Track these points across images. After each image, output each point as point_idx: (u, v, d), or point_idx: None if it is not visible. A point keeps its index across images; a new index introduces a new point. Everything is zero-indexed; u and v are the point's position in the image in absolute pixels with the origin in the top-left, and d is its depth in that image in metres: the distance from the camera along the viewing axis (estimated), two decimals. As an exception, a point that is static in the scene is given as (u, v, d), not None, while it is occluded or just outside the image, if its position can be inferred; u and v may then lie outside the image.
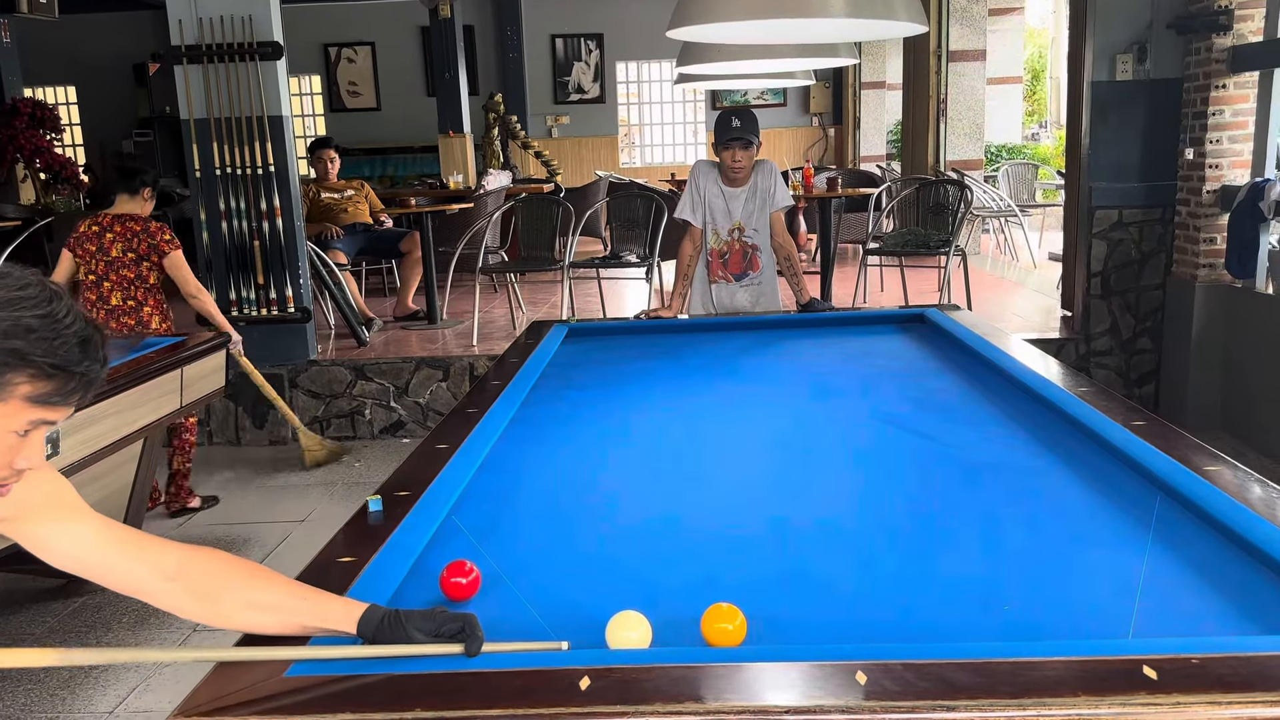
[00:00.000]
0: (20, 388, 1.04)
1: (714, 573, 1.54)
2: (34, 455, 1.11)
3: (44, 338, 1.04)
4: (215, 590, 1.27)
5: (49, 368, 1.05)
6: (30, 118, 9.03)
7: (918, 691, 1.09)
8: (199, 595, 1.27)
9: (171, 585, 1.25)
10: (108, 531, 1.26)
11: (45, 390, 1.06)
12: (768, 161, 3.83)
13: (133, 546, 1.26)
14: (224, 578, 1.28)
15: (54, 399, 1.07)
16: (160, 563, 1.25)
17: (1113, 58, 5.01)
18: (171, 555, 1.27)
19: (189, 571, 1.26)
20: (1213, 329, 4.85)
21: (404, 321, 6.43)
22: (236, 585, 1.27)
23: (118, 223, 4.07)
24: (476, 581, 1.46)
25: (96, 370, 1.09)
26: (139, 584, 1.26)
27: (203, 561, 1.28)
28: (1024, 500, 1.81)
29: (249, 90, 5.18)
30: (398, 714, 1.09)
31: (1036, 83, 16.86)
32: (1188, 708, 1.05)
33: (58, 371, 1.05)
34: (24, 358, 1.03)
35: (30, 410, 1.06)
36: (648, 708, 1.08)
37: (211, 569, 1.28)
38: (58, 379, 1.06)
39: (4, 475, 1.10)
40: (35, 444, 1.10)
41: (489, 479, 1.98)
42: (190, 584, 1.26)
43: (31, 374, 1.04)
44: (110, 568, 1.25)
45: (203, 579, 1.27)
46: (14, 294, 1.04)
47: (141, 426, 3.31)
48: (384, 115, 13.81)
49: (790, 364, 3.05)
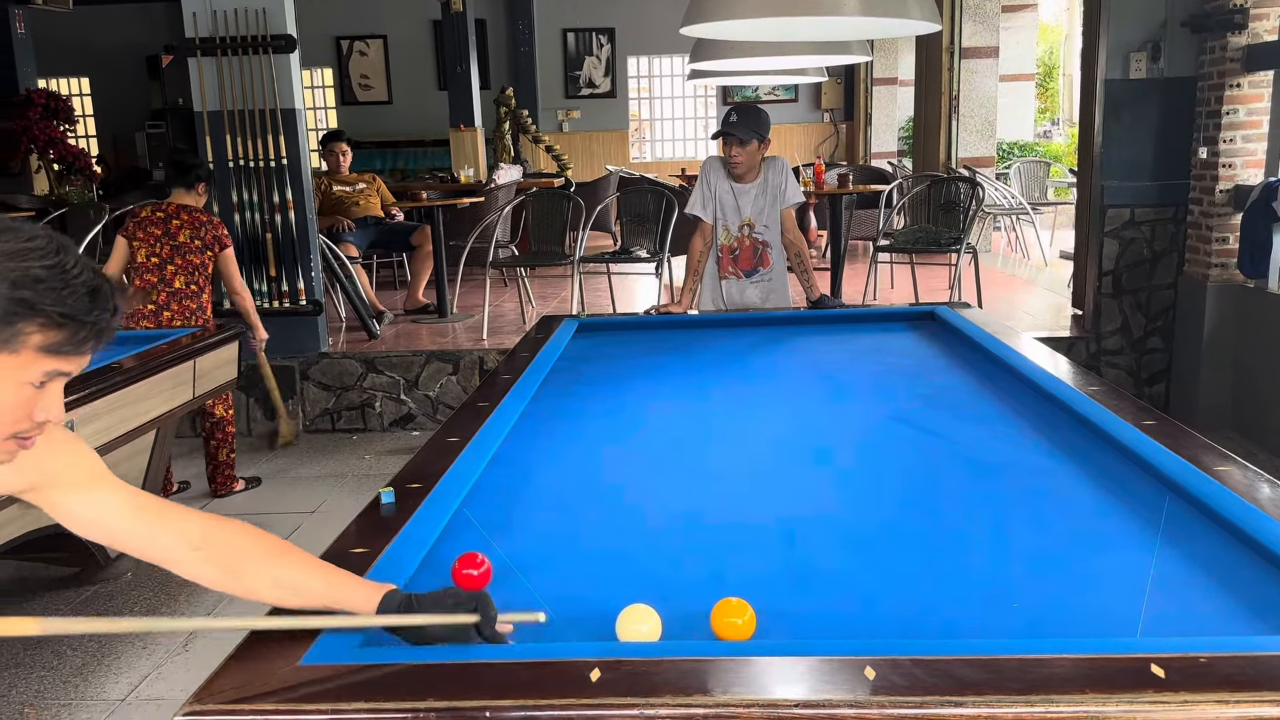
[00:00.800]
0: (32, 338, 1.06)
1: (723, 568, 1.55)
2: (52, 407, 1.12)
3: (52, 287, 1.05)
4: (240, 563, 1.29)
5: (59, 317, 1.06)
6: (44, 109, 9.07)
7: (926, 687, 1.09)
8: (224, 567, 1.29)
9: (196, 554, 1.27)
10: (132, 499, 1.28)
11: (57, 340, 1.07)
12: (779, 158, 3.83)
13: (157, 515, 1.28)
14: (249, 551, 1.30)
15: (66, 348, 1.08)
16: (185, 531, 1.27)
17: (1126, 56, 4.99)
18: (196, 524, 1.29)
19: (213, 541, 1.28)
20: (1224, 329, 4.84)
21: (414, 315, 6.45)
22: (261, 560, 1.29)
23: (183, 211, 4.21)
24: (488, 574, 1.47)
25: (107, 319, 1.11)
26: (163, 552, 1.28)
27: (228, 533, 1.30)
28: (1033, 499, 1.81)
29: (262, 83, 5.20)
30: (410, 704, 1.10)
31: (1049, 80, 16.79)
32: (1195, 706, 1.05)
33: (68, 321, 1.07)
34: (33, 308, 1.04)
35: (44, 360, 1.08)
36: (657, 700, 1.09)
37: (237, 541, 1.30)
38: (69, 328, 1.07)
39: (25, 428, 1.11)
40: (53, 396, 1.12)
41: (500, 472, 1.99)
42: (215, 554, 1.28)
43: (42, 324, 1.05)
44: (134, 535, 1.27)
45: (228, 551, 1.29)
46: (21, 245, 1.05)
47: (154, 418, 3.34)
48: (395, 109, 13.83)
49: (800, 360, 3.06)
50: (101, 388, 2.98)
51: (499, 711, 1.09)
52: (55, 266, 1.06)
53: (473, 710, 1.10)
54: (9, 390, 1.07)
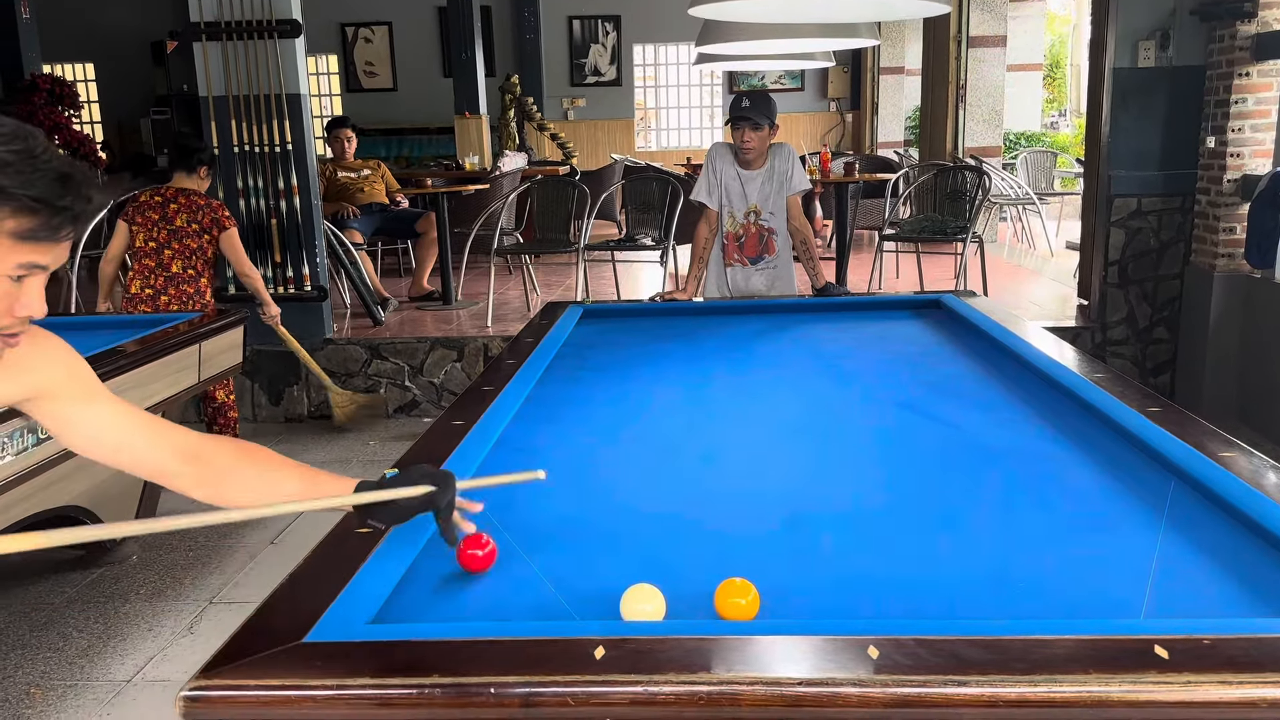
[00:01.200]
0: (4, 224, 1.05)
1: (728, 549, 1.55)
2: (34, 302, 1.12)
3: (20, 171, 1.05)
4: (230, 475, 1.33)
5: (30, 200, 1.05)
6: (49, 94, 9.09)
7: (929, 666, 1.10)
8: (213, 479, 1.32)
9: (189, 469, 1.30)
10: (128, 414, 1.31)
11: (29, 225, 1.06)
12: (785, 145, 3.82)
13: (152, 429, 1.31)
14: (234, 459, 1.34)
15: (40, 234, 1.08)
16: (178, 444, 1.30)
17: (1135, 44, 4.97)
18: (188, 438, 1.32)
19: (205, 455, 1.31)
20: (1230, 319, 4.83)
21: (419, 302, 6.46)
22: (245, 468, 1.34)
23: (181, 195, 4.21)
24: (492, 554, 1.47)
25: (81, 205, 1.10)
26: (156, 465, 1.30)
27: (214, 443, 1.35)
28: (1037, 483, 1.81)
29: (267, 68, 5.19)
30: (415, 680, 1.11)
31: (1056, 70, 16.71)
32: (1198, 687, 1.06)
33: (40, 205, 1.06)
34: (2, 192, 1.04)
35: (18, 249, 1.07)
36: (661, 678, 1.10)
37: (223, 451, 1.35)
38: (41, 214, 1.07)
39: (8, 323, 1.11)
40: (33, 289, 1.12)
41: (504, 456, 2.00)
42: (205, 466, 1.32)
43: (13, 209, 1.05)
44: (129, 447, 1.29)
45: (215, 461, 1.33)
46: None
47: (159, 401, 3.34)
48: (400, 96, 13.82)
49: (805, 348, 3.05)
50: (107, 371, 2.99)
51: (503, 688, 1.10)
52: (22, 151, 1.06)
53: (477, 687, 1.10)
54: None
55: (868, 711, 1.08)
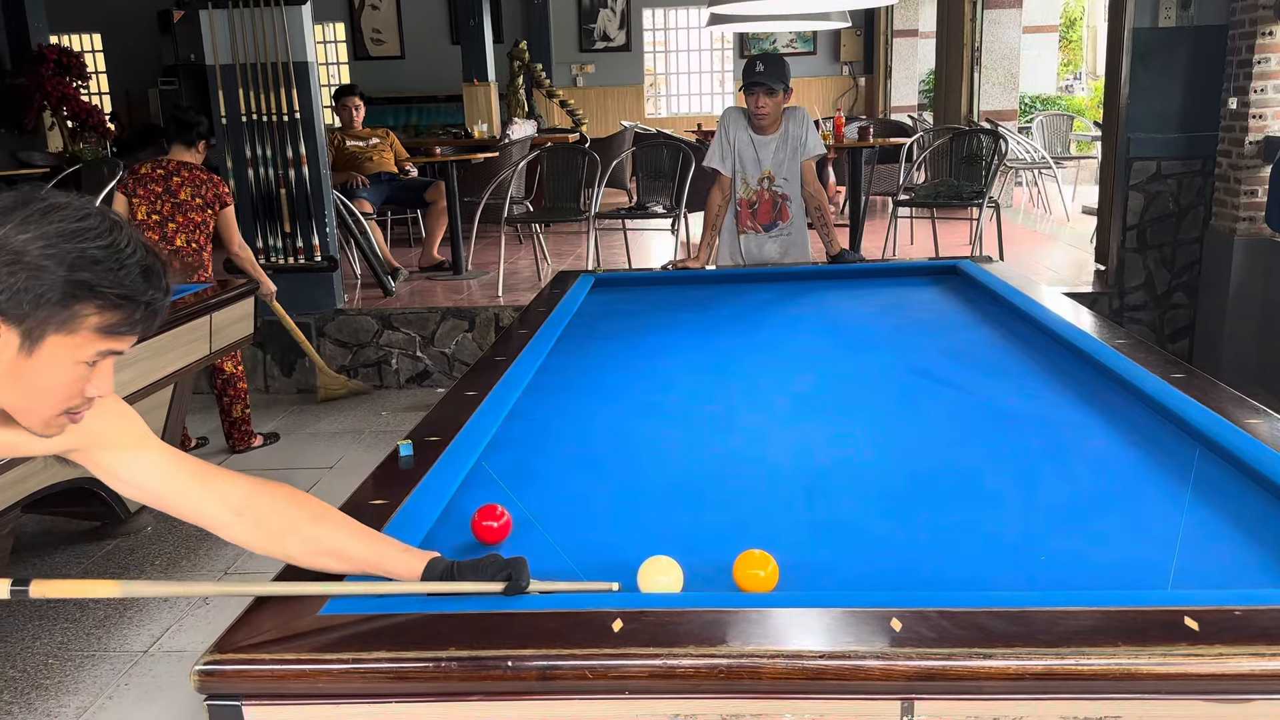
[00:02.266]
0: (89, 319, 1.05)
1: (745, 520, 1.53)
2: (103, 383, 1.12)
3: (109, 268, 1.04)
4: (283, 529, 1.28)
5: (116, 298, 1.05)
6: (57, 65, 9.03)
7: (954, 639, 1.08)
8: (266, 532, 1.28)
9: (238, 519, 1.27)
10: (175, 462, 1.27)
11: (113, 320, 1.07)
12: (799, 108, 3.76)
13: (199, 478, 1.28)
14: (291, 517, 1.29)
15: (121, 329, 1.08)
16: (226, 495, 1.27)
17: (1156, 3, 4.86)
18: (238, 488, 1.28)
19: (255, 506, 1.27)
20: (1251, 284, 4.75)
21: (429, 272, 6.43)
22: (303, 526, 1.28)
23: (184, 169, 4.15)
24: (508, 526, 1.46)
25: (160, 298, 1.10)
26: (205, 516, 1.27)
27: (269, 497, 1.29)
28: (1060, 451, 1.78)
29: (274, 36, 5.14)
30: (432, 653, 1.10)
31: (1071, 32, 16.45)
32: (1230, 659, 1.03)
33: (124, 301, 1.06)
34: (92, 289, 1.04)
35: (99, 341, 1.07)
36: (680, 650, 1.08)
37: (278, 506, 1.29)
38: (125, 309, 1.07)
39: (77, 404, 1.12)
40: (104, 372, 1.12)
41: (518, 426, 1.98)
42: (256, 519, 1.28)
43: (99, 305, 1.05)
44: (176, 498, 1.27)
45: (270, 515, 1.28)
46: (75, 225, 1.04)
47: (171, 372, 3.34)
48: (408, 63, 13.69)
49: (821, 315, 3.02)
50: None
51: (521, 661, 1.08)
52: (111, 246, 1.05)
53: (494, 660, 1.09)
54: (64, 369, 1.07)
55: (891, 685, 1.06)
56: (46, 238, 1.02)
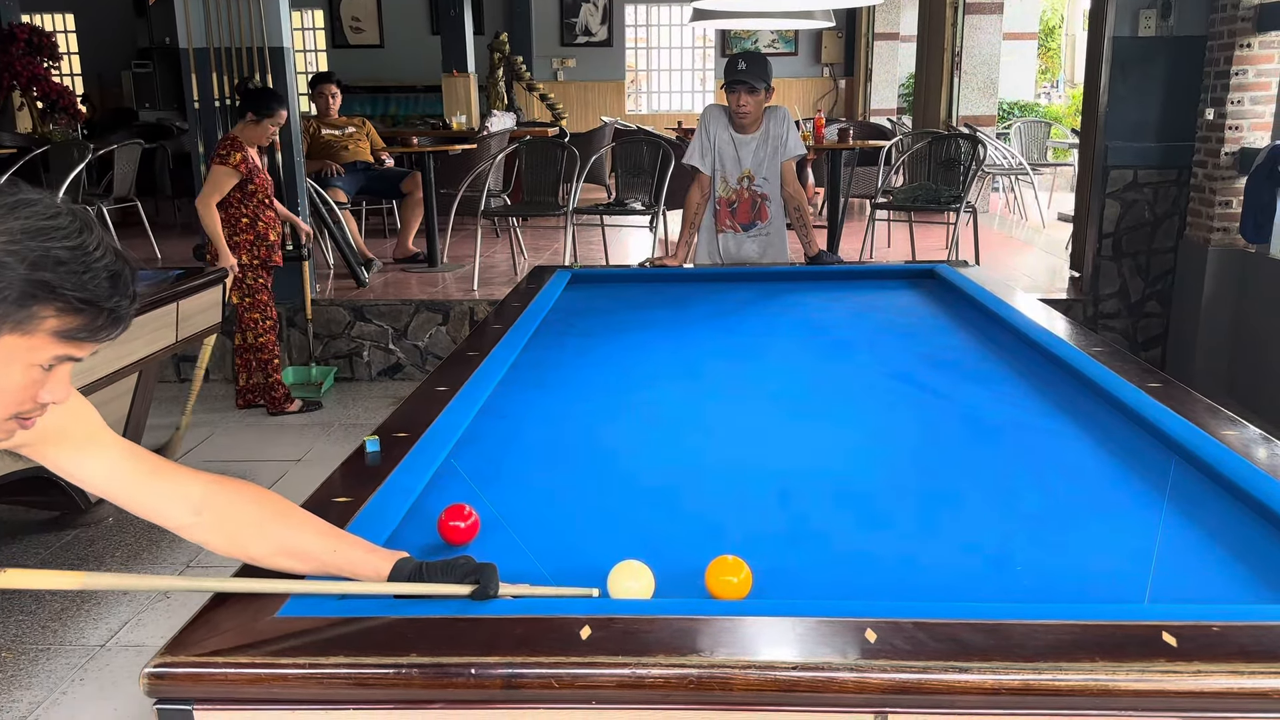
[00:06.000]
0: (47, 322, 0.99)
1: (719, 525, 1.50)
2: (58, 389, 1.06)
3: (73, 270, 0.98)
4: (243, 529, 1.23)
5: (78, 302, 0.99)
6: (27, 44, 8.85)
7: (930, 651, 1.05)
8: (226, 532, 1.23)
9: (198, 519, 1.22)
10: (131, 460, 1.22)
11: (73, 325, 1.01)
12: (781, 108, 3.74)
13: (156, 476, 1.22)
14: (252, 516, 1.24)
15: (80, 334, 1.02)
16: (185, 494, 1.22)
17: (1136, 12, 4.89)
18: (196, 486, 1.23)
19: (215, 504, 1.22)
20: (1224, 294, 4.79)
21: (404, 263, 6.36)
22: (265, 525, 1.24)
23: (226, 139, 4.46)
24: (475, 526, 1.42)
25: (126, 306, 1.04)
26: (163, 515, 1.22)
27: (229, 495, 1.24)
28: (1036, 460, 1.77)
29: (249, 20, 5.06)
30: (393, 659, 1.06)
31: (1050, 40, 16.58)
32: (1209, 676, 1.02)
33: (87, 306, 1.00)
34: (53, 290, 0.98)
35: (56, 345, 1.02)
36: (649, 659, 1.05)
37: (239, 504, 1.24)
38: (86, 314, 1.01)
39: (29, 409, 1.06)
40: (60, 378, 1.06)
41: (489, 423, 1.94)
42: (218, 518, 1.23)
43: (60, 308, 0.99)
44: (132, 496, 1.22)
45: (231, 514, 1.23)
46: (43, 223, 0.98)
47: (135, 360, 3.27)
48: (387, 53, 13.58)
49: (797, 317, 3.00)
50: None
51: (485, 668, 1.05)
52: (78, 248, 0.99)
53: (457, 667, 1.05)
54: (17, 372, 1.01)
55: (865, 697, 1.04)
56: (10, 233, 0.96)
